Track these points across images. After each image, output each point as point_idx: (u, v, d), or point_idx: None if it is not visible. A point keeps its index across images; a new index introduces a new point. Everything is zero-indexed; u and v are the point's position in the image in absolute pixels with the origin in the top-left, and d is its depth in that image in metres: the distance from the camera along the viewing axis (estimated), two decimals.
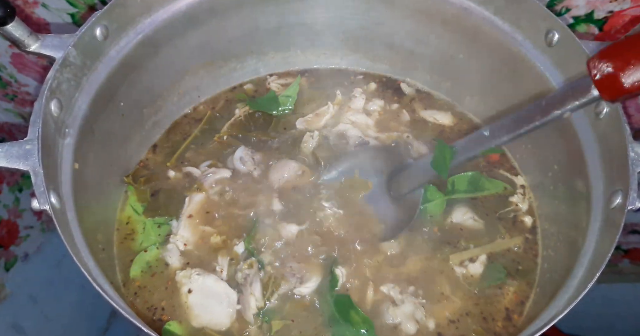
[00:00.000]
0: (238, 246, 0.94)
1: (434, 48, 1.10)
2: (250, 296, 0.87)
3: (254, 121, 1.11)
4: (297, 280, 0.89)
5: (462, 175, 1.02)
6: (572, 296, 0.76)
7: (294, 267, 0.91)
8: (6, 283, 1.73)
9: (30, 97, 1.52)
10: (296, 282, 0.89)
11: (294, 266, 0.91)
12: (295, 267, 0.91)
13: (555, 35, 0.88)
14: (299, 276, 0.90)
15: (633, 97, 0.73)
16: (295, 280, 0.89)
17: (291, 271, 0.90)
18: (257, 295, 0.87)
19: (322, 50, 1.20)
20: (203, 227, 0.97)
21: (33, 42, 0.80)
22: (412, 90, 1.19)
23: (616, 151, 0.80)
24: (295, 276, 0.90)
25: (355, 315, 0.86)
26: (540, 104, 0.81)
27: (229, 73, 1.17)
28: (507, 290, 0.93)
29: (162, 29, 0.96)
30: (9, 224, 1.72)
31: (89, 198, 0.86)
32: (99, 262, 0.74)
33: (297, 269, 0.90)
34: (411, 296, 0.89)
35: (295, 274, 0.90)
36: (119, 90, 0.94)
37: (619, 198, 0.76)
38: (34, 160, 0.71)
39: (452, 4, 0.99)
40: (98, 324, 1.93)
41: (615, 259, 1.78)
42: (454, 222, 0.99)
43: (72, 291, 1.80)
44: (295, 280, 0.89)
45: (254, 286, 0.88)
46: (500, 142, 0.87)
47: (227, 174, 1.03)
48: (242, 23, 1.07)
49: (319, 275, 0.90)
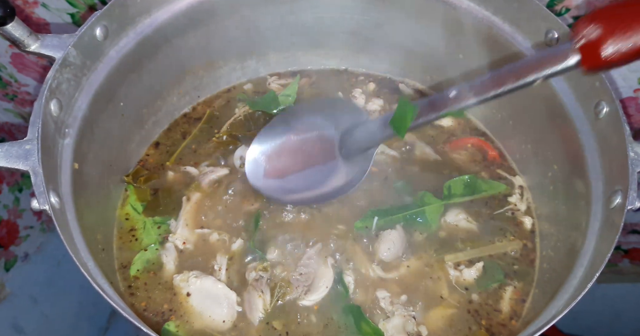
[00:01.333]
0: (236, 244, 0.94)
1: (433, 48, 1.10)
2: (259, 298, 0.87)
3: (254, 120, 1.11)
4: (303, 290, 0.89)
5: (458, 179, 1.02)
6: (571, 296, 0.76)
7: (303, 274, 0.90)
8: (6, 283, 1.73)
9: (30, 97, 1.52)
10: (302, 292, 0.89)
11: (304, 272, 0.90)
12: (304, 273, 0.90)
13: (555, 35, 0.88)
14: (306, 285, 0.89)
15: (615, 67, 0.66)
16: (302, 289, 0.89)
17: (299, 279, 0.90)
18: (267, 298, 0.87)
19: (322, 50, 1.20)
20: (202, 226, 0.97)
21: (33, 42, 0.80)
22: (411, 90, 1.19)
23: (616, 151, 0.80)
24: (303, 285, 0.89)
25: (366, 326, 0.86)
26: (513, 67, 0.74)
27: (229, 73, 1.17)
28: (505, 290, 0.94)
29: (162, 29, 0.96)
30: (9, 224, 1.72)
31: (89, 198, 0.86)
32: (98, 262, 0.74)
33: (305, 277, 0.90)
34: (402, 308, 0.89)
35: (303, 284, 0.89)
36: (119, 90, 0.94)
37: (619, 197, 0.77)
38: (33, 160, 0.71)
39: (452, 4, 0.99)
40: (98, 324, 1.93)
41: (615, 259, 1.78)
42: (449, 223, 0.99)
43: (72, 291, 1.81)
44: (302, 289, 0.89)
45: (265, 289, 0.88)
46: (467, 105, 0.79)
47: (227, 173, 1.03)
48: (242, 23, 1.07)
49: (327, 284, 0.89)
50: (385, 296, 0.90)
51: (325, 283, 0.89)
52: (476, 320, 0.90)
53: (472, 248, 0.96)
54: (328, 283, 0.90)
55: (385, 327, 0.87)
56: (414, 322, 0.88)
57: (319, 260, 0.92)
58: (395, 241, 0.94)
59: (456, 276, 0.93)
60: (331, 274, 0.90)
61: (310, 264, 0.91)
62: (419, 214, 0.98)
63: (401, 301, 0.90)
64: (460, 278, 0.93)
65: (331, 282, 0.90)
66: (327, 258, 0.92)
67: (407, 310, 0.89)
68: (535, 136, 1.02)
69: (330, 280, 0.90)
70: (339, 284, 0.90)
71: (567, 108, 0.90)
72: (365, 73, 1.23)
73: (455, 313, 0.90)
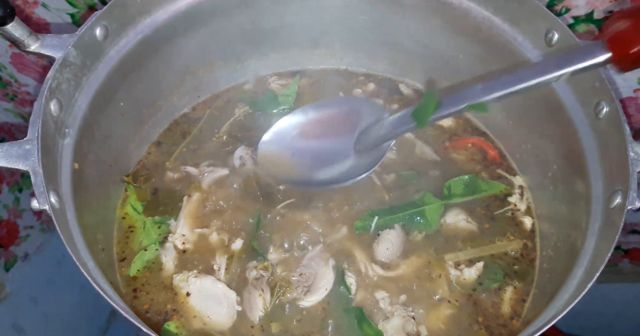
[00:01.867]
0: (236, 244, 0.94)
1: (433, 48, 1.10)
2: (259, 297, 0.87)
3: (254, 120, 1.11)
4: (303, 291, 0.89)
5: (458, 179, 1.02)
6: (571, 296, 0.75)
7: (303, 275, 0.90)
8: (6, 283, 1.73)
9: (30, 97, 1.52)
10: (302, 292, 0.89)
11: (305, 272, 0.90)
12: (305, 274, 0.90)
13: (555, 35, 0.88)
14: (306, 286, 0.89)
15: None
16: (301, 289, 0.89)
17: (299, 280, 0.90)
18: (267, 297, 0.87)
19: (322, 50, 1.20)
20: (202, 226, 0.97)
21: (33, 42, 0.80)
22: (410, 90, 1.19)
23: (616, 150, 0.80)
24: (303, 286, 0.89)
25: (368, 327, 0.86)
26: (540, 62, 0.74)
27: (229, 73, 1.17)
28: (505, 290, 0.93)
29: (162, 29, 0.96)
30: (9, 224, 1.72)
31: (89, 198, 0.86)
32: (98, 262, 0.74)
33: (306, 277, 0.90)
34: (401, 308, 0.89)
35: (303, 284, 0.89)
36: (119, 90, 0.94)
37: (619, 197, 0.76)
38: (33, 160, 0.71)
39: (452, 4, 0.99)
40: (98, 324, 1.93)
41: (615, 259, 1.78)
42: (449, 223, 0.99)
43: (72, 291, 1.81)
44: (302, 289, 0.89)
45: (265, 288, 0.88)
46: (492, 98, 0.76)
47: (226, 173, 1.03)
48: (242, 23, 1.07)
49: (327, 286, 0.89)
50: (385, 296, 0.90)
51: (325, 284, 0.89)
52: (476, 319, 0.90)
53: (472, 247, 0.96)
54: (328, 285, 0.89)
55: (384, 328, 0.87)
56: (413, 322, 0.88)
57: (320, 262, 0.91)
58: (394, 241, 0.94)
59: (456, 275, 0.93)
60: (332, 276, 0.90)
61: (311, 265, 0.91)
62: (419, 214, 0.98)
63: (400, 302, 0.90)
64: (460, 277, 0.93)
65: (331, 284, 0.90)
66: (329, 260, 0.92)
67: (406, 310, 0.89)
68: (535, 136, 1.02)
69: (330, 282, 0.90)
70: (341, 285, 0.90)
71: (567, 108, 0.90)
72: (365, 73, 1.23)
73: (455, 313, 0.90)
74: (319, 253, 0.93)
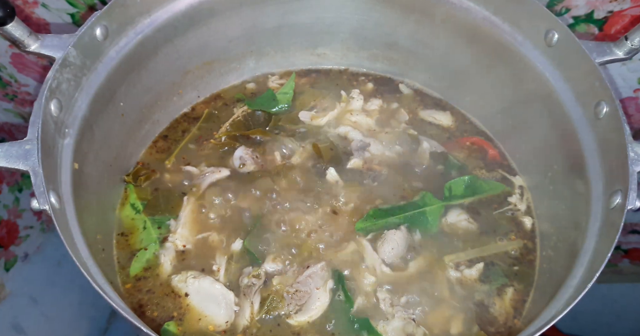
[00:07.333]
0: (236, 244, 0.94)
1: (433, 48, 1.10)
2: (249, 305, 0.87)
3: (253, 120, 1.11)
4: (294, 309, 0.88)
5: (458, 179, 1.02)
6: (571, 296, 0.75)
7: (298, 291, 0.88)
8: (6, 283, 1.73)
9: (30, 97, 1.52)
10: (292, 310, 0.88)
11: (301, 289, 0.88)
12: (300, 291, 0.88)
13: (555, 35, 0.88)
14: (299, 304, 0.88)
15: None
16: (293, 307, 0.88)
17: (294, 296, 0.88)
18: (255, 307, 0.87)
19: (322, 50, 1.20)
20: (201, 226, 0.97)
21: (33, 42, 0.80)
22: (410, 90, 1.19)
23: (616, 151, 0.80)
24: (295, 303, 0.88)
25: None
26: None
27: (229, 73, 1.17)
28: (506, 291, 0.93)
29: (162, 29, 0.96)
30: (9, 224, 1.72)
31: (89, 198, 0.86)
32: (98, 262, 0.74)
33: (300, 295, 0.88)
34: (402, 309, 0.89)
35: (296, 302, 0.88)
36: (119, 90, 0.94)
37: (619, 197, 0.76)
38: (33, 160, 0.71)
39: (452, 4, 0.99)
40: (98, 324, 1.93)
41: (615, 259, 1.78)
42: (449, 224, 0.99)
43: (72, 291, 1.81)
44: (294, 307, 0.88)
45: (255, 297, 0.88)
46: None
47: (226, 173, 1.03)
48: (242, 23, 1.07)
49: (320, 310, 0.88)
50: (385, 297, 0.90)
51: (319, 307, 0.88)
52: (476, 320, 0.90)
53: (473, 248, 0.96)
54: (321, 308, 0.88)
55: (385, 329, 0.86)
56: (413, 324, 0.88)
57: (319, 281, 0.89)
58: (399, 242, 0.94)
59: (457, 276, 0.93)
60: (327, 299, 0.88)
61: (308, 283, 0.89)
62: (419, 215, 0.98)
63: (401, 303, 0.90)
64: (460, 278, 0.93)
65: (325, 308, 0.88)
66: (327, 282, 0.90)
67: (407, 312, 0.89)
68: (535, 136, 1.02)
69: (324, 306, 0.88)
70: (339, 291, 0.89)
71: (566, 108, 0.90)
72: (365, 73, 1.23)
73: (455, 314, 0.90)
74: (319, 271, 0.90)
